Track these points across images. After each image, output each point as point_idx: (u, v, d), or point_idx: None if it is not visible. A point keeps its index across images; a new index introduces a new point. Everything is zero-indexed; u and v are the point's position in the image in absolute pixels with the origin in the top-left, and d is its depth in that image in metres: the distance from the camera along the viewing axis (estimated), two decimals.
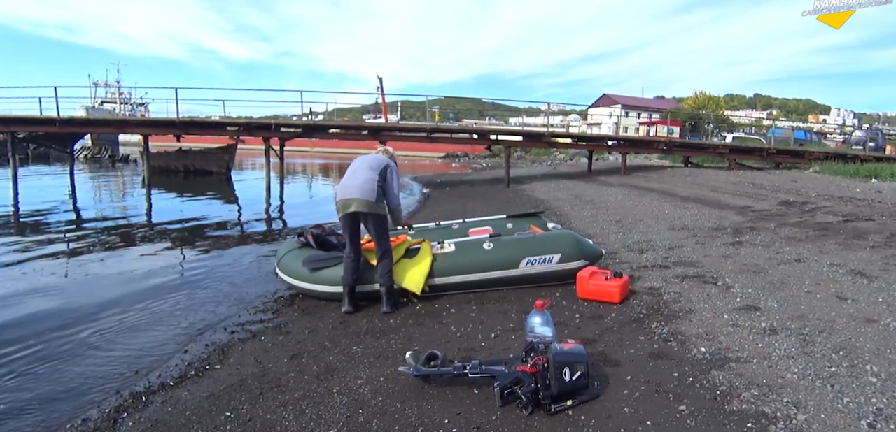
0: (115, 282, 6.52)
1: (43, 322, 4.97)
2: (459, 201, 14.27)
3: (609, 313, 4.05)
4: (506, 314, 4.18)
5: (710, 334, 3.53)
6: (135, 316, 5.11)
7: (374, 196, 4.33)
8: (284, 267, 4.97)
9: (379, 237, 4.42)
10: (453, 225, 6.19)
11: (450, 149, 48.79)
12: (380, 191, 4.39)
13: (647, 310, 4.06)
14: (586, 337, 3.55)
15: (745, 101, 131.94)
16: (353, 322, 4.20)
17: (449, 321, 4.10)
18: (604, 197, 12.79)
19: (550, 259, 4.72)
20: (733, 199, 11.40)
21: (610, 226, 8.37)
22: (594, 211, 10.38)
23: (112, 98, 51.79)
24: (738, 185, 14.62)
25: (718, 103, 54.59)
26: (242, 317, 4.80)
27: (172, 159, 26.58)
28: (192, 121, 18.91)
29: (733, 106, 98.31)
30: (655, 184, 15.81)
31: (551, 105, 29.92)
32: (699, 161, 25.73)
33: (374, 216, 4.35)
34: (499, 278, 4.73)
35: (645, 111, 61.41)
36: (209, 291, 5.98)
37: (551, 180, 19.34)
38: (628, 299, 4.36)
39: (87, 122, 22.87)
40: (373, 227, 4.39)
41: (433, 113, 44.50)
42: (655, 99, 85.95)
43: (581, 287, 4.41)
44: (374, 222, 4.37)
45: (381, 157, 4.68)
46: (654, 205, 10.68)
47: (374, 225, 4.38)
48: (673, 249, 6.33)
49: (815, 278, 4.81)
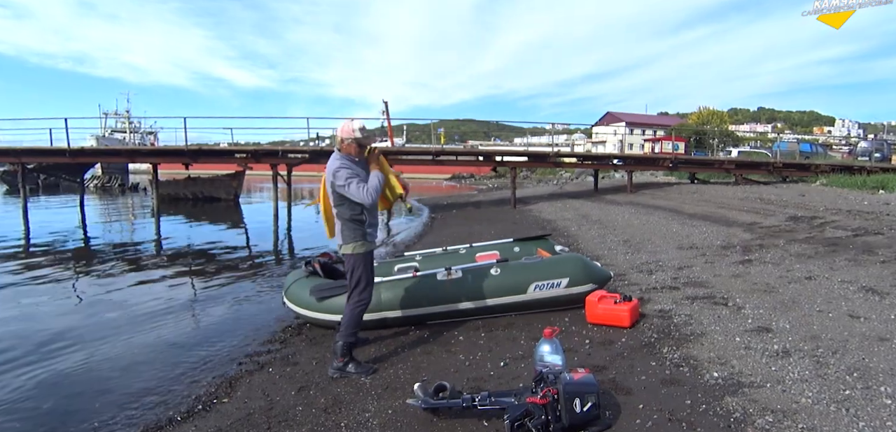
0: (121, 311, 6.56)
1: (43, 347, 5.04)
2: (466, 224, 14.27)
3: (619, 338, 4.01)
4: (515, 341, 4.15)
5: (723, 358, 3.48)
6: (140, 346, 5.15)
7: (339, 234, 3.80)
8: (292, 296, 4.97)
9: (349, 276, 3.83)
10: (460, 250, 6.18)
11: (456, 171, 48.94)
12: (342, 218, 3.75)
13: (658, 334, 4.02)
14: (597, 364, 3.51)
15: (749, 115, 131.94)
16: (361, 351, 4.17)
17: (457, 349, 4.08)
18: (611, 216, 12.76)
19: (558, 283, 4.69)
20: (741, 216, 11.33)
21: (618, 246, 8.33)
22: (602, 231, 10.35)
23: (122, 127, 52.45)
24: (745, 201, 14.54)
25: (722, 118, 54.49)
26: (250, 347, 4.80)
27: (181, 187, 26.85)
28: (201, 150, 19.13)
29: (737, 120, 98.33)
30: (662, 202, 15.76)
31: (556, 124, 30.00)
32: (705, 177, 25.66)
33: (345, 257, 3.83)
34: (507, 304, 4.70)
35: (649, 128, 61.53)
36: (217, 320, 6.01)
37: (558, 200, 19.33)
38: (638, 323, 4.31)
39: (97, 152, 23.22)
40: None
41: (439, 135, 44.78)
42: (659, 115, 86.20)
43: (590, 311, 4.38)
44: (346, 262, 3.85)
45: (329, 164, 3.77)
46: (662, 224, 10.63)
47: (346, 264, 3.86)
48: (682, 269, 6.28)
49: (826, 296, 4.75)
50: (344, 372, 3.70)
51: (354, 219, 3.75)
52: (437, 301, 4.67)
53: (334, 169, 3.69)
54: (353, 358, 3.78)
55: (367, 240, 3.80)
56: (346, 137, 3.76)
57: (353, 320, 3.79)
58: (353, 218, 3.75)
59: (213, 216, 19.50)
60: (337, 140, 3.84)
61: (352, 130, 3.76)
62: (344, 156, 3.75)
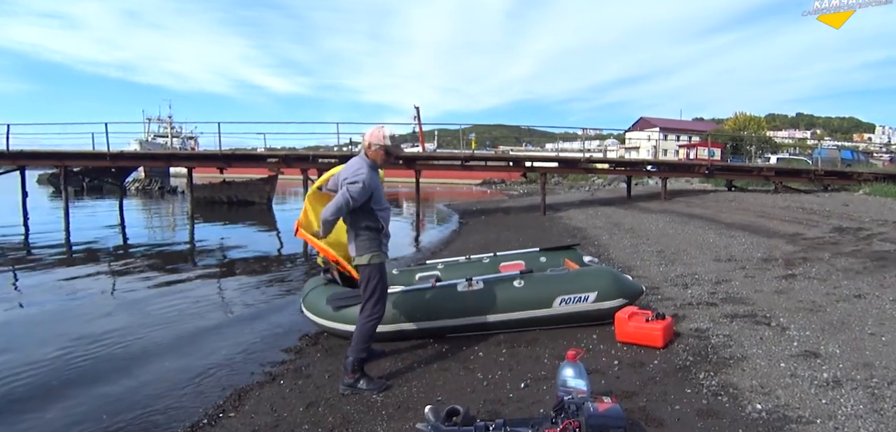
0: (139, 314, 6.64)
1: (48, 348, 5.08)
2: (494, 230, 14.02)
3: (651, 360, 3.72)
4: (538, 359, 3.90)
5: (766, 387, 3.16)
6: (154, 350, 5.15)
7: (353, 245, 3.68)
8: (309, 304, 4.84)
9: (363, 288, 3.70)
10: (484, 259, 5.96)
11: (486, 177, 48.63)
12: (356, 227, 3.63)
13: (694, 357, 3.71)
14: (625, 389, 3.24)
15: (787, 121, 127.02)
16: (375, 365, 4.00)
17: (476, 366, 3.86)
18: (644, 224, 12.31)
19: (586, 297, 4.42)
20: (782, 226, 10.75)
21: (651, 257, 7.96)
22: (634, 240, 9.95)
23: (164, 132, 54.13)
24: (786, 210, 13.86)
25: (760, 123, 52.46)
26: (265, 355, 4.70)
27: (217, 190, 27.38)
28: (234, 154, 19.48)
29: (775, 126, 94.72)
30: (698, 210, 15.17)
31: (588, 130, 29.44)
32: (743, 184, 24.71)
33: (360, 268, 3.69)
34: (530, 318, 4.46)
35: (684, 133, 59.91)
36: (236, 326, 5.95)
37: (589, 207, 18.87)
38: (672, 343, 4.01)
39: (136, 156, 23.82)
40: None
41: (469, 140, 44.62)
42: (694, 120, 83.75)
43: (620, 329, 4.09)
44: (360, 274, 3.71)
45: (352, 164, 3.64)
46: (698, 234, 10.16)
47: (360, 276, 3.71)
48: (720, 284, 5.90)
49: (877, 317, 4.35)
50: (355, 389, 3.53)
51: (370, 229, 3.61)
52: (456, 313, 4.47)
53: (355, 167, 3.56)
54: (364, 374, 3.61)
55: (382, 251, 3.65)
56: (376, 143, 3.62)
57: (365, 334, 3.62)
58: (370, 227, 3.60)
59: (246, 219, 19.77)
60: (364, 144, 3.69)
61: (382, 137, 3.63)
62: (369, 162, 3.63)
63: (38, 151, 19.69)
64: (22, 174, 19.63)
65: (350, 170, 3.57)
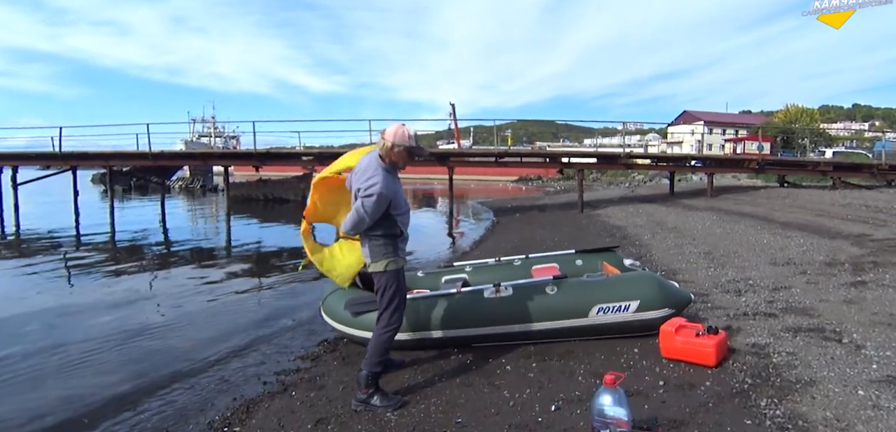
0: (160, 309, 6.66)
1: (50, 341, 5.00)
2: (529, 228, 13.55)
3: (702, 381, 3.26)
4: (571, 376, 3.50)
5: (842, 419, 2.68)
6: (170, 351, 5.06)
7: (368, 250, 3.34)
8: (328, 308, 4.57)
9: (380, 296, 3.37)
10: (515, 261, 5.57)
11: (522, 173, 47.93)
12: (371, 232, 3.28)
13: (753, 378, 3.23)
14: (673, 416, 2.81)
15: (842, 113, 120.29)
16: (393, 377, 3.68)
17: (502, 383, 3.49)
18: (689, 223, 11.61)
19: (627, 307, 3.98)
20: (845, 225, 9.89)
21: (698, 259, 7.37)
22: (678, 240, 9.33)
23: (208, 132, 55.68)
24: (847, 208, 12.85)
25: (812, 116, 49.50)
26: (281, 363, 4.47)
27: (253, 189, 27.88)
28: (268, 153, 19.61)
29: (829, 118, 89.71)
30: (748, 208, 14.27)
31: (628, 124, 28.43)
32: (796, 180, 23.32)
33: (376, 275, 3.37)
34: (564, 328, 4.05)
35: (730, 127, 57.44)
36: (256, 327, 5.76)
37: (629, 204, 18.11)
38: (727, 361, 3.53)
39: (175, 155, 24.32)
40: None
41: (505, 137, 43.92)
42: (741, 114, 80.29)
43: (665, 344, 3.64)
44: (376, 281, 3.39)
45: (368, 165, 3.30)
46: (750, 234, 9.45)
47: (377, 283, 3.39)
48: (778, 291, 5.32)
49: None
50: (368, 406, 3.22)
51: (388, 235, 3.28)
52: (483, 322, 4.10)
53: (368, 174, 3.19)
54: (378, 390, 3.29)
55: (399, 256, 3.32)
56: (400, 144, 3.24)
57: (380, 347, 3.30)
58: (388, 232, 3.27)
59: (280, 217, 19.91)
60: (385, 144, 3.25)
61: (407, 137, 3.25)
62: (385, 165, 3.25)
63: (86, 152, 20.35)
64: (73, 173, 20.38)
65: (362, 178, 3.22)
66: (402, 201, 3.35)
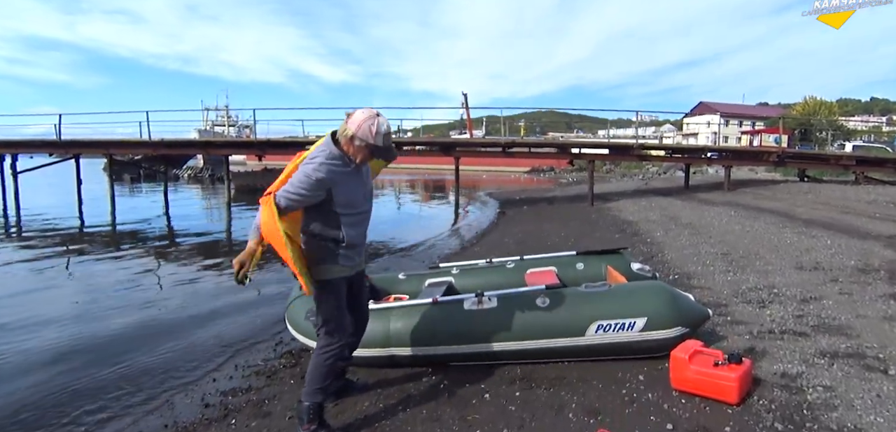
0: (103, 303, 6.28)
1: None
2: (536, 222, 12.90)
3: (721, 425, 2.63)
4: (560, 411, 2.89)
5: None
6: (108, 346, 4.71)
7: (305, 250, 2.83)
8: (291, 316, 4.00)
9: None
10: (508, 264, 4.94)
11: (534, 164, 47.09)
12: (307, 232, 2.74)
13: (784, 423, 2.60)
14: None
15: (860, 106, 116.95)
16: (350, 405, 3.12)
17: (476, 419, 2.89)
18: (705, 219, 10.88)
19: (632, 324, 3.36)
20: (875, 224, 9.12)
21: (715, 261, 6.69)
22: (693, 237, 8.64)
23: (221, 121, 55.57)
24: (874, 205, 12.02)
25: (831, 108, 47.89)
26: (234, 378, 3.92)
27: (258, 178, 27.51)
28: (268, 142, 19.14)
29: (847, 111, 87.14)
30: (768, 203, 13.48)
31: (642, 115, 27.53)
32: (817, 174, 22.35)
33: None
34: (556, 348, 3.45)
35: (747, 119, 55.94)
36: (214, 333, 5.23)
37: (642, 197, 17.34)
38: (751, 396, 2.90)
39: (177, 144, 23.92)
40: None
41: (519, 127, 43.11)
42: (758, 105, 78.28)
43: (677, 373, 3.01)
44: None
45: (319, 153, 2.68)
46: (771, 232, 8.72)
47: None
48: (808, 302, 4.65)
49: None
50: None
51: (325, 237, 2.65)
52: (461, 338, 3.51)
53: (319, 149, 2.60)
54: (322, 424, 2.73)
55: (340, 264, 2.70)
56: (361, 138, 2.58)
57: (318, 373, 2.72)
58: (325, 235, 2.64)
59: None
60: (346, 131, 2.60)
61: (371, 132, 2.58)
62: (341, 153, 2.61)
63: (86, 140, 20.01)
64: (76, 161, 20.09)
65: (308, 158, 2.64)
66: (358, 199, 2.71)
